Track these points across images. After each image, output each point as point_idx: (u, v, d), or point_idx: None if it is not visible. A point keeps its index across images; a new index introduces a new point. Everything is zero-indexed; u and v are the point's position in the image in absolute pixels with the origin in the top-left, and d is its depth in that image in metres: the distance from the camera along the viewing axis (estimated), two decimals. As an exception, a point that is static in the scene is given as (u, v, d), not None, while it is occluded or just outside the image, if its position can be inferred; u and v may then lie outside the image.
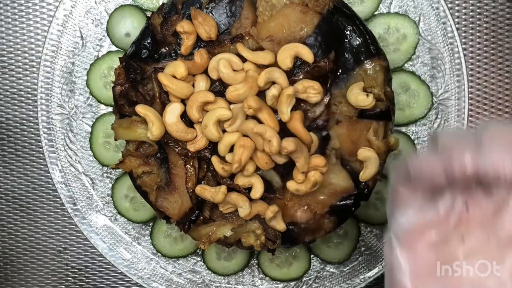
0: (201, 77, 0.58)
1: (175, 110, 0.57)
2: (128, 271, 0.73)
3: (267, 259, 0.73)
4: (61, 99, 0.71)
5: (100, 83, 0.71)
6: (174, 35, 0.59)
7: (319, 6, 0.58)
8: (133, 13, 0.70)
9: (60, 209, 0.78)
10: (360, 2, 0.70)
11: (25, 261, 0.79)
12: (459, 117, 0.70)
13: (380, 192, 0.72)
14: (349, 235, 0.73)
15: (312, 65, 0.57)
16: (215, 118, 0.56)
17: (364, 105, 0.57)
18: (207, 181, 0.60)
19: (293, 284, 0.73)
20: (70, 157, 0.72)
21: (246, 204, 0.58)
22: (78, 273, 0.79)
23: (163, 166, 0.60)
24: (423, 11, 0.69)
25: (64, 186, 0.72)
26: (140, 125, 0.59)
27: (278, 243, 0.61)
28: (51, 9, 0.75)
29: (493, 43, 0.74)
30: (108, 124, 0.71)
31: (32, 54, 0.76)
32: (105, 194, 0.73)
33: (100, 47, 0.72)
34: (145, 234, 0.74)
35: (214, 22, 0.58)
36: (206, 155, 0.59)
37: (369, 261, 0.73)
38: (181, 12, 0.59)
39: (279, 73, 0.56)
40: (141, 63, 0.59)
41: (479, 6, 0.74)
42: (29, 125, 0.77)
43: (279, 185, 0.60)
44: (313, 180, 0.57)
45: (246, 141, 0.56)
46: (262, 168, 0.58)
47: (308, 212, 0.60)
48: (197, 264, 0.74)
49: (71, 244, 0.78)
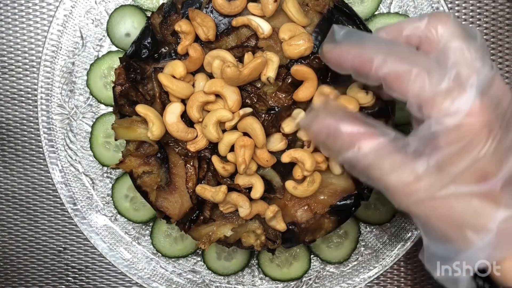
0: (201, 77, 0.58)
1: (175, 110, 0.57)
2: (128, 271, 0.73)
3: (267, 259, 0.73)
4: (61, 99, 0.71)
5: (100, 83, 0.71)
6: (174, 35, 0.59)
7: (319, 6, 0.58)
8: (133, 13, 0.70)
9: (60, 209, 0.78)
10: (360, 2, 0.70)
11: (25, 261, 0.79)
12: (459, 117, 0.70)
13: (380, 192, 0.72)
14: (349, 235, 0.73)
15: (311, 56, 0.57)
16: (215, 118, 0.56)
17: (363, 103, 0.57)
18: (207, 181, 0.60)
19: (293, 284, 0.73)
20: (70, 157, 0.72)
21: (246, 204, 0.58)
22: (78, 273, 0.79)
23: (163, 166, 0.60)
24: (423, 11, 0.70)
25: (64, 186, 0.72)
26: (140, 125, 0.59)
27: (278, 243, 0.61)
28: (51, 9, 0.75)
29: (493, 43, 0.74)
30: (108, 124, 0.71)
31: (32, 54, 0.76)
32: (105, 194, 0.73)
33: (100, 47, 0.72)
34: (145, 234, 0.74)
35: (213, 23, 0.58)
36: (206, 155, 0.59)
37: (369, 261, 0.73)
38: (180, 12, 0.59)
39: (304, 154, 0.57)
40: (141, 63, 0.59)
41: (479, 6, 0.74)
42: (29, 125, 0.77)
43: (279, 185, 0.60)
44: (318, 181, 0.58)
45: (246, 140, 0.56)
46: (264, 165, 0.58)
47: (308, 212, 0.60)
48: (197, 264, 0.74)
49: (71, 244, 0.78)
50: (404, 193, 0.44)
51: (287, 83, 0.57)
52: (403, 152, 0.44)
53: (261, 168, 0.59)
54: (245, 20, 0.57)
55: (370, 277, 0.73)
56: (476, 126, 0.42)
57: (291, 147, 0.58)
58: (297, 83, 0.57)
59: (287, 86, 0.57)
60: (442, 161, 0.43)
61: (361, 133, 0.46)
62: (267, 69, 0.56)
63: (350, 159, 0.46)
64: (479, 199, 0.43)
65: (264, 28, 0.57)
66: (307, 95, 0.56)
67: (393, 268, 0.78)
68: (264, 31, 0.57)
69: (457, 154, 0.42)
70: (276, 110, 0.58)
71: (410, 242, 0.72)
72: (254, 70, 0.55)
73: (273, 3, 0.56)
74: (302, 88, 0.56)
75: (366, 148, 0.45)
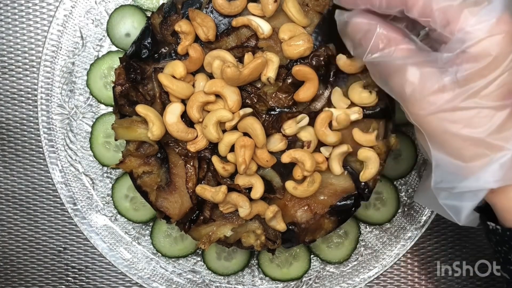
0: (201, 77, 0.58)
1: (176, 110, 0.57)
2: (128, 271, 0.73)
3: (267, 259, 0.73)
4: (61, 99, 0.71)
5: (100, 83, 0.71)
6: (174, 35, 0.59)
7: (319, 6, 0.58)
8: (133, 13, 0.70)
9: (60, 209, 0.78)
10: (360, 2, 0.70)
11: (25, 261, 0.79)
12: (459, 117, 0.70)
13: (380, 192, 0.72)
14: (349, 235, 0.73)
15: (311, 55, 0.57)
16: (215, 119, 0.56)
17: (367, 102, 0.57)
18: (207, 181, 0.60)
19: (293, 284, 0.73)
20: (70, 157, 0.72)
21: (246, 204, 0.58)
22: (78, 273, 0.79)
23: (163, 166, 0.60)
24: (423, 11, 0.69)
25: (64, 186, 0.72)
26: (140, 125, 0.59)
27: (278, 243, 0.61)
28: (51, 9, 0.75)
29: (493, 43, 0.74)
30: (108, 124, 0.71)
31: (32, 54, 0.76)
32: (105, 194, 0.73)
33: (100, 47, 0.72)
34: (145, 234, 0.74)
35: (213, 23, 0.58)
36: (206, 155, 0.59)
37: (369, 261, 0.73)
38: (180, 12, 0.59)
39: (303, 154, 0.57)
40: (141, 63, 0.59)
41: (479, 6, 0.74)
42: (29, 125, 0.77)
43: (279, 185, 0.60)
44: (318, 182, 0.58)
45: (246, 140, 0.56)
46: (264, 166, 0.58)
47: (308, 212, 0.60)
48: (197, 264, 0.74)
49: (71, 244, 0.78)
50: (425, 102, 0.44)
51: (287, 84, 0.57)
52: (432, 63, 0.44)
53: (261, 168, 0.59)
54: (245, 20, 0.57)
55: (370, 277, 0.73)
56: (504, 39, 0.42)
57: (291, 147, 0.58)
58: (297, 84, 0.57)
59: (287, 86, 0.57)
60: (469, 74, 0.42)
61: (396, 37, 0.46)
62: (267, 69, 0.56)
63: (379, 60, 0.46)
64: (502, 116, 0.43)
65: (264, 28, 0.57)
66: (308, 95, 0.56)
67: (393, 268, 0.78)
68: (264, 31, 0.57)
69: (485, 67, 0.42)
70: (277, 110, 0.58)
71: (410, 242, 0.72)
72: (254, 70, 0.55)
73: (273, 3, 0.56)
74: (303, 89, 0.56)
75: (399, 52, 0.45)
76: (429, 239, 0.77)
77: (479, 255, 0.77)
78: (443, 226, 0.77)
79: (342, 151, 0.58)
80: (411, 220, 0.72)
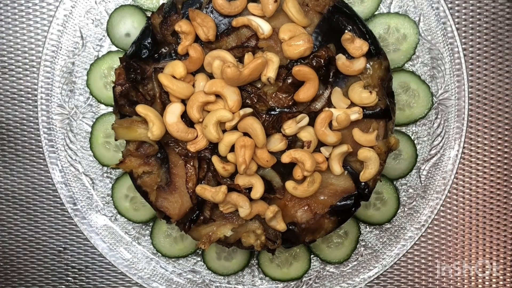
0: (201, 77, 0.58)
1: (176, 110, 0.57)
2: (128, 271, 0.73)
3: (267, 259, 0.73)
4: (61, 99, 0.71)
5: (100, 83, 0.71)
6: (174, 35, 0.59)
7: (319, 6, 0.58)
8: (133, 13, 0.70)
9: (60, 209, 0.78)
10: (360, 2, 0.70)
11: (25, 261, 0.79)
12: (459, 117, 0.70)
13: (380, 192, 0.72)
14: (349, 235, 0.73)
15: (311, 55, 0.57)
16: (215, 119, 0.56)
17: (368, 103, 0.57)
18: (207, 181, 0.60)
19: (293, 284, 0.73)
20: (70, 157, 0.72)
21: (246, 204, 0.58)
22: (78, 273, 0.79)
23: (163, 166, 0.60)
24: (423, 11, 0.70)
25: (64, 186, 0.72)
26: (140, 125, 0.59)
27: (278, 243, 0.61)
28: (51, 9, 0.75)
29: (493, 43, 0.74)
30: (108, 124, 0.71)
31: (32, 54, 0.76)
32: (105, 194, 0.73)
33: (100, 47, 0.72)
34: (145, 234, 0.74)
35: (213, 23, 0.58)
36: (207, 155, 0.59)
37: (369, 261, 0.73)
38: (181, 12, 0.59)
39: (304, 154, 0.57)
40: (141, 63, 0.59)
41: (479, 6, 0.74)
42: (29, 125, 0.77)
43: (279, 185, 0.60)
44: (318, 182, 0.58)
45: (246, 140, 0.56)
46: (264, 166, 0.58)
47: (308, 212, 0.60)
48: (197, 264, 0.74)
49: (71, 244, 0.78)
50: None
51: (288, 84, 0.57)
52: None
53: (261, 168, 0.59)
54: (245, 21, 0.57)
55: (370, 277, 0.73)
56: None
57: (291, 147, 0.58)
58: (297, 84, 0.57)
59: (287, 86, 0.57)
60: None
61: None
62: (267, 69, 0.56)
63: None
64: None
65: (264, 29, 0.57)
66: (308, 95, 0.56)
67: (393, 268, 0.78)
68: (264, 31, 0.57)
69: None
70: (277, 110, 0.58)
71: (410, 242, 0.72)
72: (254, 71, 0.55)
73: (273, 3, 0.56)
74: (303, 89, 0.56)
75: None
76: (429, 239, 0.77)
77: (479, 255, 0.77)
78: (443, 226, 0.77)
79: (342, 151, 0.58)
80: (411, 220, 0.72)
